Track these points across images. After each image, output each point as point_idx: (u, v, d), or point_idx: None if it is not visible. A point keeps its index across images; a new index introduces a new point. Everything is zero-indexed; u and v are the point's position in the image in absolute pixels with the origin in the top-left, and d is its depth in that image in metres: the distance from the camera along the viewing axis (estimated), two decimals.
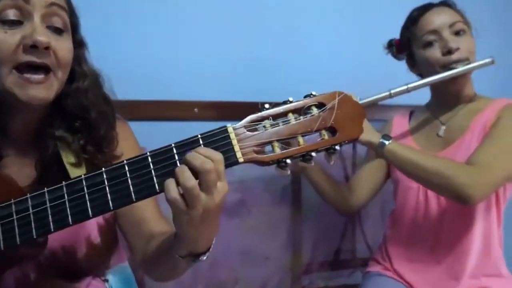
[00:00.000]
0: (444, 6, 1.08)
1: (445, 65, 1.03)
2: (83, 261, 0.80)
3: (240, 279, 1.35)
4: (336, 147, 0.58)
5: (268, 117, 0.59)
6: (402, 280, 1.11)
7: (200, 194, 0.53)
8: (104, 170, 0.57)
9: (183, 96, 1.34)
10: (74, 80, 0.79)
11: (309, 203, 1.43)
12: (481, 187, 0.90)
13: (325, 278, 1.46)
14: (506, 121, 0.98)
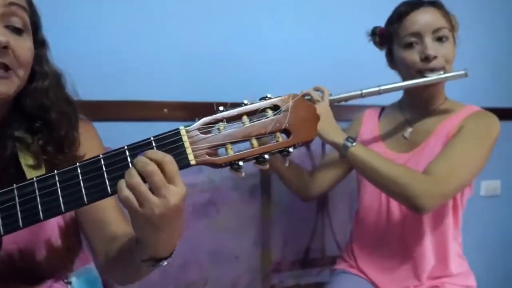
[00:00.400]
0: (433, 7, 1.05)
1: (420, 71, 1.02)
2: (43, 264, 0.79)
3: (209, 279, 1.36)
4: (289, 149, 0.59)
5: (222, 119, 0.59)
6: (366, 277, 1.13)
7: (148, 194, 0.53)
8: (56, 172, 0.56)
9: (153, 97, 1.34)
10: (34, 79, 0.77)
11: (278, 202, 1.44)
12: (432, 198, 0.92)
13: (294, 277, 1.47)
14: (466, 132, 0.99)
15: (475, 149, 0.98)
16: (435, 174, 0.94)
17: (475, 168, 0.99)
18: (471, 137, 0.99)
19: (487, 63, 1.88)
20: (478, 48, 1.79)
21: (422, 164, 1.01)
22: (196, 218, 1.32)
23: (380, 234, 1.12)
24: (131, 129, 1.32)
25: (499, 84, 1.93)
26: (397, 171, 0.95)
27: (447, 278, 1.06)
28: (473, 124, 1.01)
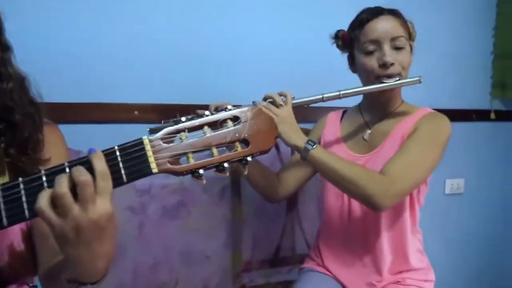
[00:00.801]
0: (392, 15, 1.09)
1: (378, 77, 1.06)
2: (6, 269, 0.78)
3: (181, 279, 1.36)
4: (248, 158, 0.62)
5: (184, 129, 0.61)
6: (332, 275, 1.17)
7: (71, 204, 0.51)
8: (22, 180, 0.55)
9: (124, 99, 1.34)
10: (2, 81, 0.77)
11: (249, 203, 1.45)
12: (389, 197, 0.96)
13: (265, 276, 1.48)
14: (419, 133, 1.04)
15: (427, 149, 1.02)
16: (390, 174, 0.97)
17: (428, 166, 1.03)
18: (423, 138, 1.03)
19: (457, 68, 1.96)
20: (432, 55, 1.85)
21: (380, 164, 1.04)
22: (167, 220, 1.32)
23: (344, 232, 1.16)
24: (102, 131, 1.32)
25: (465, 87, 2.00)
26: (356, 172, 0.98)
27: (407, 273, 1.11)
28: (425, 125, 1.06)
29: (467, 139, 1.99)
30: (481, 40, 2.02)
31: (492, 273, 2.18)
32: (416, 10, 1.64)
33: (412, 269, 1.12)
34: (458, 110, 1.92)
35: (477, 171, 2.07)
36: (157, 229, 1.32)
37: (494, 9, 2.02)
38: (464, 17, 1.96)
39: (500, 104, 2.09)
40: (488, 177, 2.11)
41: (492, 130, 2.09)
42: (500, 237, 2.17)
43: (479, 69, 2.04)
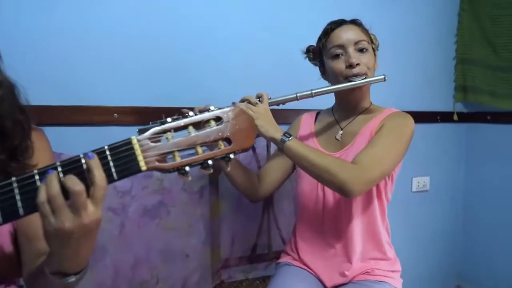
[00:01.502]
0: (353, 24, 1.18)
1: (346, 77, 1.14)
2: None
3: (161, 277, 1.38)
4: (230, 155, 0.67)
5: (170, 129, 0.65)
6: (308, 268, 1.22)
7: (62, 207, 0.56)
8: (15, 179, 0.58)
9: (103, 102, 1.36)
10: None
11: (226, 202, 1.48)
12: (358, 184, 1.02)
13: (243, 272, 1.52)
14: (386, 129, 1.12)
15: (393, 142, 1.10)
16: (360, 163, 1.04)
17: (394, 157, 1.11)
18: (390, 132, 1.11)
19: (423, 72, 2.06)
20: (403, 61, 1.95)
21: (351, 159, 1.11)
22: (147, 219, 1.34)
23: (318, 222, 1.21)
24: (82, 133, 1.33)
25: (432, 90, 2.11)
26: (328, 161, 1.04)
27: (375, 263, 1.18)
28: (391, 122, 1.14)
29: (432, 139, 2.09)
30: (444, 47, 2.13)
31: (454, 266, 2.30)
32: (383, 17, 1.74)
33: (379, 259, 1.19)
34: (424, 112, 2.02)
35: (441, 169, 2.18)
36: (138, 229, 1.34)
37: (455, 17, 2.14)
38: (428, 25, 2.06)
39: (462, 106, 2.21)
40: (452, 175, 2.23)
41: (455, 131, 2.20)
42: (462, 231, 2.29)
43: (442, 73, 2.15)
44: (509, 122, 2.02)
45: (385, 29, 1.80)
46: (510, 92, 1.96)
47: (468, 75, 2.14)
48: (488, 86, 2.06)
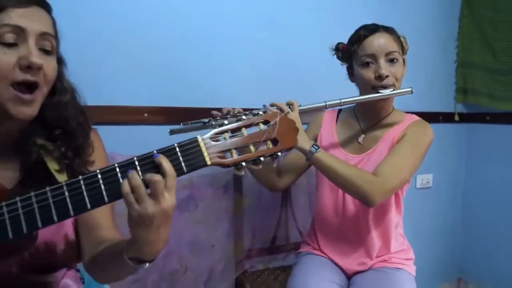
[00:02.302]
0: (387, 33, 1.21)
1: (374, 87, 1.20)
2: (61, 255, 0.88)
3: (189, 267, 1.47)
4: (278, 153, 0.77)
5: (227, 130, 0.76)
6: (327, 257, 1.32)
7: (145, 196, 0.64)
8: (81, 177, 0.67)
9: (134, 102, 1.44)
10: (55, 94, 0.85)
11: (249, 197, 1.57)
12: (380, 195, 1.12)
13: (263, 262, 1.62)
14: (406, 140, 1.20)
15: (412, 153, 1.18)
16: (382, 175, 1.13)
17: (412, 168, 1.20)
18: (409, 144, 1.19)
19: (426, 75, 2.15)
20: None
21: (372, 164, 1.21)
22: (177, 213, 1.42)
23: (338, 224, 1.30)
24: (115, 132, 1.39)
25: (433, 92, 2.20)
26: (353, 173, 1.13)
27: (390, 255, 1.28)
28: (412, 133, 1.21)
29: (435, 138, 2.12)
30: (445, 50, 2.23)
31: (455, 259, 2.40)
32: (385, 22, 1.84)
33: (395, 251, 1.29)
34: (427, 112, 2.09)
35: (443, 167, 2.28)
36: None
37: (456, 22, 2.24)
38: (431, 30, 2.16)
39: (463, 107, 2.31)
40: (453, 172, 2.33)
41: (456, 131, 2.30)
42: (462, 226, 2.39)
43: (444, 76, 2.25)
44: (507, 123, 2.12)
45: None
46: (508, 94, 2.06)
47: (468, 78, 2.24)
48: (487, 88, 2.15)
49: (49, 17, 0.83)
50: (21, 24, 0.75)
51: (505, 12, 2.04)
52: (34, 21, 0.78)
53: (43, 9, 0.81)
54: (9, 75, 0.74)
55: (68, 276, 0.91)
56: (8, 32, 0.75)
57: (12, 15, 0.75)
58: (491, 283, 2.25)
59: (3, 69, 0.74)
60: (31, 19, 0.78)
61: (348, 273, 1.29)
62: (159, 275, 1.43)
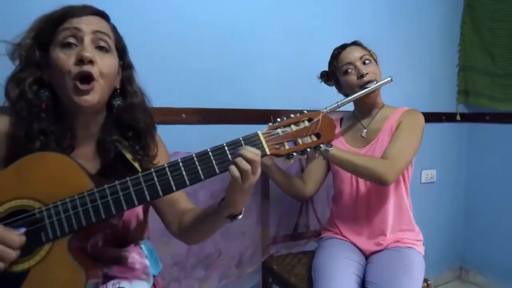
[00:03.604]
0: (355, 45, 1.45)
1: (361, 86, 1.40)
2: (132, 233, 1.04)
3: (223, 251, 1.62)
4: (321, 145, 0.94)
5: (280, 126, 0.92)
6: (347, 239, 1.49)
7: (250, 174, 0.84)
8: (180, 159, 0.84)
9: (173, 104, 1.57)
10: (127, 97, 0.98)
11: (274, 191, 1.72)
12: (391, 174, 1.29)
13: (287, 247, 1.77)
14: (403, 126, 1.38)
15: (411, 135, 1.37)
16: (389, 158, 1.31)
17: (414, 148, 1.37)
18: (407, 128, 1.38)
19: (430, 77, 2.31)
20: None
21: (377, 151, 1.39)
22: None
23: (353, 209, 1.48)
24: (158, 130, 1.54)
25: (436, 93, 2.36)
26: (365, 160, 1.31)
27: (403, 233, 1.44)
28: (407, 119, 1.40)
29: (438, 136, 2.35)
30: (448, 55, 2.40)
31: (457, 249, 2.55)
32: (394, 30, 1.99)
33: (407, 230, 1.46)
34: (431, 112, 2.26)
35: (446, 163, 2.44)
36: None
37: (458, 29, 2.42)
38: (434, 36, 2.32)
39: (464, 108, 2.48)
40: (455, 168, 2.49)
41: (458, 129, 2.46)
42: (464, 218, 2.54)
43: (447, 79, 2.41)
44: (505, 122, 2.27)
45: (396, 40, 2.06)
46: (506, 96, 2.22)
47: (469, 81, 2.40)
48: (487, 90, 2.32)
49: (106, 22, 0.96)
50: (77, 25, 0.88)
51: (502, 20, 2.21)
52: (90, 23, 0.90)
53: (99, 17, 0.94)
54: (69, 71, 0.85)
55: (135, 251, 1.05)
56: (68, 35, 0.88)
57: (72, 21, 0.89)
58: (490, 271, 2.40)
59: (64, 66, 0.85)
60: (87, 22, 0.90)
61: (366, 253, 1.45)
62: (197, 258, 1.58)
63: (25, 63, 0.90)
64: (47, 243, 0.81)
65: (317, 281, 1.28)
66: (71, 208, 0.81)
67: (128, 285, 0.96)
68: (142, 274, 1.04)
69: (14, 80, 0.90)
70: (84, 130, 0.95)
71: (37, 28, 0.92)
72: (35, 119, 0.88)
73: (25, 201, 0.82)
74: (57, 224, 0.81)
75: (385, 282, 1.24)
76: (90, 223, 0.82)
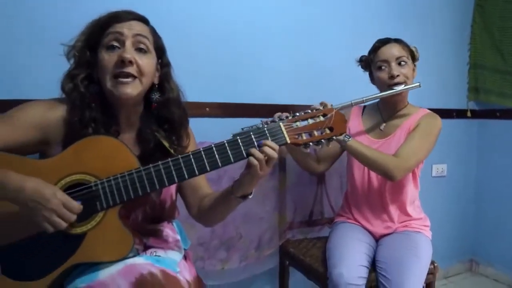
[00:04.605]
0: (396, 43, 1.51)
1: (389, 85, 1.49)
2: (166, 212, 1.17)
3: (243, 234, 1.76)
4: (333, 137, 1.07)
5: (298, 120, 1.05)
6: (360, 224, 1.61)
7: (265, 165, 0.98)
8: (214, 145, 0.99)
9: (197, 99, 1.68)
10: (164, 92, 1.11)
11: (290, 179, 1.84)
12: (399, 171, 1.40)
13: (302, 232, 1.89)
14: (420, 128, 1.48)
15: (425, 138, 1.47)
16: (401, 156, 1.42)
17: (426, 150, 1.48)
18: (423, 131, 1.48)
19: (441, 75, 2.39)
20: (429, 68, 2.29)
21: (392, 146, 1.49)
22: None
23: (365, 197, 1.60)
24: None
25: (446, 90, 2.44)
26: (378, 155, 1.42)
27: (411, 221, 1.57)
28: (424, 122, 1.50)
29: (449, 132, 2.38)
30: (459, 54, 2.47)
31: (468, 242, 2.62)
32: (406, 29, 2.09)
33: (414, 218, 1.58)
34: (442, 109, 2.32)
35: (457, 158, 2.51)
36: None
37: (468, 28, 2.48)
38: (446, 35, 2.40)
39: (474, 104, 2.54)
40: (466, 163, 2.55)
41: (468, 125, 2.53)
42: (474, 212, 2.61)
43: (458, 76, 2.48)
44: None
45: (408, 39, 2.13)
46: None
47: (479, 78, 2.47)
48: (497, 87, 2.38)
49: (147, 26, 1.09)
50: (120, 30, 1.02)
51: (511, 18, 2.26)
52: (132, 28, 1.04)
53: (141, 22, 1.07)
54: (111, 70, 1.00)
55: (168, 227, 1.17)
56: (112, 39, 1.02)
57: (116, 26, 1.03)
58: (501, 263, 2.47)
59: (107, 66, 1.00)
60: (129, 26, 1.03)
61: (377, 236, 1.58)
62: (219, 240, 1.72)
63: (77, 62, 1.06)
64: (101, 211, 0.97)
65: (331, 259, 1.41)
66: (121, 182, 0.97)
67: (163, 254, 1.09)
68: (175, 247, 1.16)
69: (69, 76, 1.05)
70: (126, 120, 1.10)
71: (87, 32, 1.06)
72: (86, 108, 1.02)
73: (82, 176, 0.98)
74: (110, 195, 0.96)
75: (394, 262, 1.37)
76: (136, 196, 0.97)
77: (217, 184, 1.58)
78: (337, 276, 1.31)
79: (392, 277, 1.32)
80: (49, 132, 1.03)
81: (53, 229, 0.90)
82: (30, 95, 1.25)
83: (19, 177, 0.91)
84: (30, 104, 1.04)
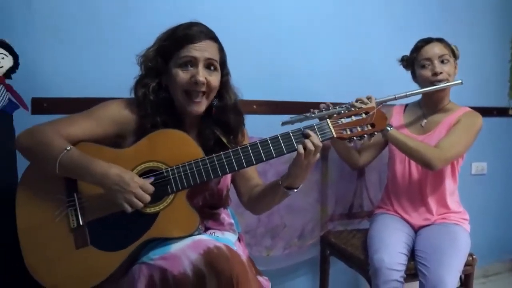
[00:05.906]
0: (438, 42, 1.58)
1: (431, 82, 1.57)
2: (222, 199, 1.30)
3: (287, 224, 1.87)
4: (375, 133, 1.18)
5: (343, 117, 1.17)
6: (399, 216, 1.69)
7: (312, 155, 1.09)
8: (269, 138, 1.12)
9: (245, 96, 1.67)
10: (223, 99, 1.23)
11: (332, 172, 1.94)
12: (439, 161, 1.47)
13: (343, 225, 1.98)
14: (461, 124, 1.55)
15: (466, 133, 1.54)
16: (441, 147, 1.50)
17: (466, 144, 1.54)
18: (463, 126, 1.55)
19: (482, 72, 2.40)
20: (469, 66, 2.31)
21: (433, 143, 1.56)
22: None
23: (406, 189, 1.67)
24: None
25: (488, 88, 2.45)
26: (419, 144, 1.50)
27: (450, 214, 1.63)
28: (465, 119, 1.57)
29: (489, 130, 2.33)
30: (500, 51, 2.47)
31: (509, 241, 2.62)
32: (450, 29, 2.13)
33: (453, 211, 1.64)
34: (483, 107, 2.30)
35: (497, 156, 2.51)
36: None
37: (510, 25, 2.48)
38: (487, 32, 2.41)
39: None
40: (506, 161, 2.55)
41: (510, 124, 2.53)
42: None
43: (499, 74, 2.49)
44: None
45: (448, 37, 2.16)
46: None
47: None
48: None
49: (217, 45, 1.21)
50: (194, 54, 1.15)
51: None
52: (204, 51, 1.15)
53: (212, 41, 1.20)
54: (183, 86, 1.14)
55: (224, 213, 1.30)
56: (186, 61, 1.16)
57: (190, 48, 1.15)
58: None
59: (180, 82, 1.14)
60: (202, 50, 1.14)
61: (415, 227, 1.66)
62: (265, 228, 1.85)
63: (149, 70, 1.21)
64: (172, 194, 1.12)
65: (371, 247, 1.51)
66: (189, 169, 1.12)
67: (220, 234, 1.23)
68: (230, 229, 1.30)
69: (141, 84, 1.21)
70: (190, 122, 1.25)
71: (159, 44, 1.21)
72: (157, 114, 1.18)
73: (155, 163, 1.14)
74: (179, 180, 1.11)
75: (433, 251, 1.44)
76: (202, 181, 1.12)
77: (263, 177, 1.70)
78: (378, 261, 1.41)
79: (431, 265, 1.40)
80: (124, 127, 1.20)
81: (131, 209, 1.06)
82: (110, 94, 1.41)
83: (104, 164, 1.08)
84: (109, 103, 1.22)
